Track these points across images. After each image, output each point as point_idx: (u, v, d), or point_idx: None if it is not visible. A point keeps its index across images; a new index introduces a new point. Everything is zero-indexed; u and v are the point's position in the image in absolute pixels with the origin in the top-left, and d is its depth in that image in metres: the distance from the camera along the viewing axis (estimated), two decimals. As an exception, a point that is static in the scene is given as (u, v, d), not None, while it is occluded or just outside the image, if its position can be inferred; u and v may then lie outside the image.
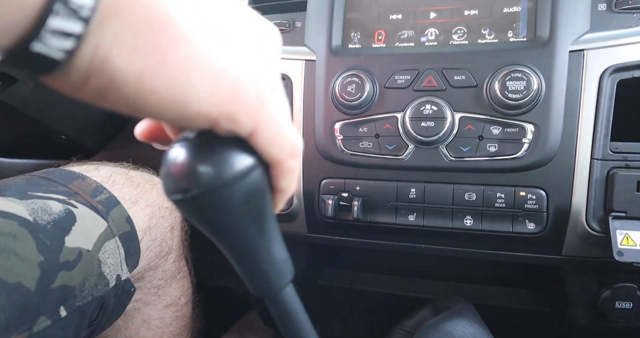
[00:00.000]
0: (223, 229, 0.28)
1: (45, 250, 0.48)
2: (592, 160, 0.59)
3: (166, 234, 0.72)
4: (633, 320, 0.65)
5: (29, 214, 0.50)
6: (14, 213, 0.49)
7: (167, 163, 0.26)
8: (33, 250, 0.47)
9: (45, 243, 0.49)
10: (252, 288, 0.32)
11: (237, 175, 0.26)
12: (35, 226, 0.49)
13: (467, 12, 0.63)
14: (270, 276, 0.31)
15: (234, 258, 0.30)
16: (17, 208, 0.50)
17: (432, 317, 0.68)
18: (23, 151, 0.97)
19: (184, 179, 0.25)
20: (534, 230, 0.60)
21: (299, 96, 0.70)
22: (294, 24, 0.73)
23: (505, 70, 0.58)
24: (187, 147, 0.26)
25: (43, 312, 0.46)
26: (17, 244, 0.46)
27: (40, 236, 0.49)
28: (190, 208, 0.27)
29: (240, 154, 0.26)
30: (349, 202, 0.67)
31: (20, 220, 0.49)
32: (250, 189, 0.27)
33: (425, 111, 0.61)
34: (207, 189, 0.25)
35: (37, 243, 0.48)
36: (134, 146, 0.92)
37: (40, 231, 0.49)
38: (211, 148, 0.26)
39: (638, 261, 0.55)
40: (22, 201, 0.51)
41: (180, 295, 0.81)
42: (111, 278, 0.58)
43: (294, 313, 0.32)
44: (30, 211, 0.51)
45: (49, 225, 0.51)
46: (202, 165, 0.25)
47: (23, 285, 0.44)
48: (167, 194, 0.26)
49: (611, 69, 0.57)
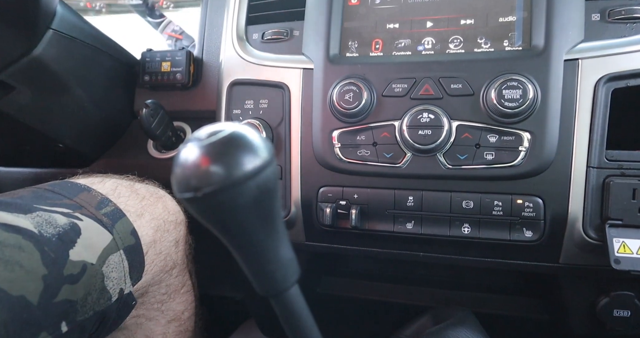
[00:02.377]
0: (232, 228, 0.29)
1: (49, 263, 0.48)
2: (588, 168, 0.59)
3: (171, 248, 0.71)
4: (631, 329, 0.65)
5: (34, 227, 0.50)
6: (19, 225, 0.49)
7: (179, 162, 0.27)
8: (38, 262, 0.47)
9: (50, 256, 0.48)
10: (259, 288, 0.32)
11: (248, 175, 0.26)
12: (40, 238, 0.49)
13: (463, 21, 0.64)
14: (277, 276, 0.31)
15: (241, 258, 0.31)
16: (22, 221, 0.49)
17: (431, 325, 0.68)
18: (20, 159, 0.97)
19: (195, 178, 0.26)
20: (531, 238, 0.61)
21: (297, 105, 0.70)
22: (291, 33, 0.73)
23: (501, 79, 0.58)
24: (199, 147, 0.27)
25: (45, 327, 0.46)
26: (22, 256, 0.46)
27: (45, 249, 0.48)
28: (201, 207, 0.28)
29: (251, 154, 0.27)
30: (347, 210, 0.67)
31: (25, 232, 0.48)
32: (260, 189, 0.27)
33: (423, 119, 0.61)
34: (218, 188, 0.26)
35: (41, 256, 0.47)
36: (131, 154, 0.92)
37: (45, 244, 0.49)
38: (222, 147, 0.27)
39: (635, 269, 0.55)
40: (27, 215, 0.51)
41: (184, 309, 0.79)
42: (114, 293, 0.57)
43: (298, 313, 0.33)
44: (35, 224, 0.50)
45: (54, 238, 0.50)
46: (213, 164, 0.26)
47: (26, 298, 0.44)
48: (178, 193, 0.27)
49: (606, 78, 0.58)
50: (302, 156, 0.70)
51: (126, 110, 0.93)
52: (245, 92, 0.74)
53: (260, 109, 0.73)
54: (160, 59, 0.88)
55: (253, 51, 0.75)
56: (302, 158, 0.70)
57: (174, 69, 0.87)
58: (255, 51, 0.75)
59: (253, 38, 0.76)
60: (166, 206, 0.72)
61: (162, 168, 0.87)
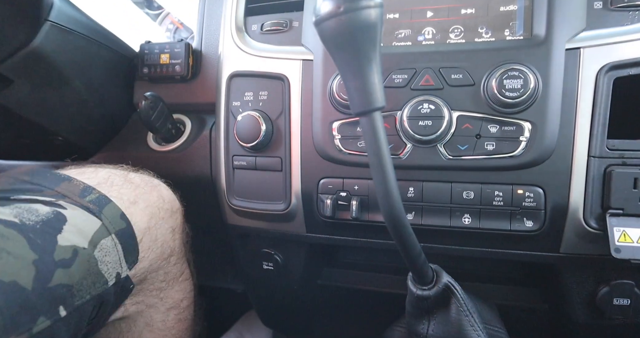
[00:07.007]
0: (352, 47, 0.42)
1: (37, 248, 0.47)
2: (590, 158, 0.59)
3: (167, 235, 0.71)
4: (631, 317, 0.65)
5: (13, 216, 0.49)
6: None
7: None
8: (25, 248, 0.46)
9: (36, 242, 0.48)
10: (355, 106, 0.45)
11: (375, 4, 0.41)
12: (22, 226, 0.48)
13: (463, 10, 0.63)
14: (372, 96, 0.44)
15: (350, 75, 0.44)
16: (1, 211, 0.49)
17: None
18: (20, 152, 0.96)
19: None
20: (532, 228, 0.61)
21: (297, 96, 0.70)
22: (291, 23, 0.73)
23: (502, 68, 0.58)
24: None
25: (42, 312, 0.45)
26: (8, 243, 0.45)
27: (31, 235, 0.48)
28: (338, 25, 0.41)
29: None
30: (348, 201, 0.67)
31: (5, 222, 0.48)
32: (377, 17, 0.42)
33: (423, 109, 0.61)
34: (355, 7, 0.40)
35: (28, 242, 0.47)
36: (130, 147, 0.91)
37: (29, 231, 0.48)
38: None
39: (635, 257, 0.55)
40: (5, 207, 0.50)
41: (183, 297, 0.80)
42: (110, 277, 0.57)
43: (378, 134, 0.44)
44: (15, 213, 0.50)
45: (38, 225, 0.50)
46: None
47: (19, 283, 0.44)
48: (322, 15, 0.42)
49: (607, 66, 0.57)
50: (302, 148, 0.70)
51: (125, 103, 0.93)
52: (245, 84, 0.74)
53: (260, 101, 0.73)
54: (159, 51, 0.88)
55: (252, 42, 0.74)
56: (302, 150, 0.70)
57: (173, 61, 0.87)
58: (255, 43, 0.74)
59: (252, 29, 0.76)
60: (161, 195, 0.72)
61: (162, 161, 0.87)
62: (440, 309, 0.56)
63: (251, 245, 0.82)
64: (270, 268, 0.81)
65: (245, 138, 0.71)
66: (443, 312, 0.56)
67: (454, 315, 0.55)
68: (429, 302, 0.56)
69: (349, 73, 0.45)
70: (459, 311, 0.55)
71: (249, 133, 0.71)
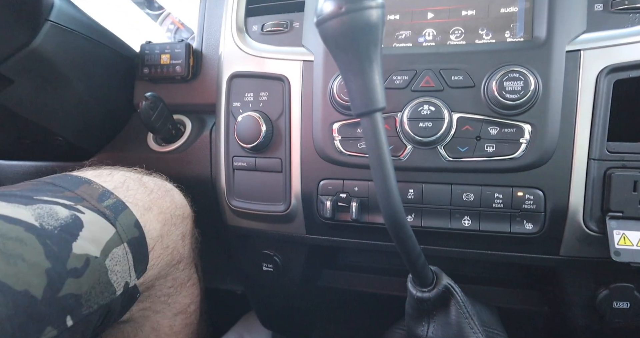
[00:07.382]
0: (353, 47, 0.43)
1: (52, 256, 0.47)
2: (589, 160, 0.59)
3: (178, 242, 0.71)
4: (630, 320, 0.65)
5: (34, 219, 0.49)
6: (20, 218, 0.48)
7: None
8: (40, 256, 0.46)
9: (52, 249, 0.47)
10: (356, 107, 0.45)
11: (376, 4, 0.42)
12: (41, 231, 0.48)
13: (464, 12, 0.63)
14: (373, 97, 0.44)
15: (351, 76, 0.45)
16: (22, 213, 0.49)
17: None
18: (20, 153, 0.96)
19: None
20: (532, 230, 0.61)
21: (297, 97, 0.70)
22: (291, 24, 0.73)
23: (502, 70, 0.58)
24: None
25: (50, 322, 0.45)
26: (25, 249, 0.45)
27: (48, 242, 0.48)
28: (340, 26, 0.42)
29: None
30: (347, 203, 0.66)
31: (26, 225, 0.48)
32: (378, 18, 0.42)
33: (423, 111, 0.61)
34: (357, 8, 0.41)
35: (44, 249, 0.47)
36: (131, 147, 0.91)
37: (47, 237, 0.48)
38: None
39: (635, 261, 0.55)
40: (28, 207, 0.50)
41: (190, 302, 0.80)
42: (118, 286, 0.56)
43: (379, 134, 0.45)
44: (37, 216, 0.50)
45: (56, 230, 0.50)
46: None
47: (30, 293, 0.43)
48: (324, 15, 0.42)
49: (608, 69, 0.57)
50: (302, 149, 0.70)
51: (126, 103, 0.93)
52: (245, 85, 0.74)
53: (260, 102, 0.73)
54: (160, 51, 0.88)
55: (252, 42, 0.74)
56: (302, 151, 0.70)
57: (173, 62, 0.87)
58: (255, 43, 0.74)
59: (252, 30, 0.76)
60: (174, 200, 0.72)
61: (162, 161, 0.86)
62: (440, 311, 0.56)
63: (251, 246, 0.82)
64: (270, 270, 0.81)
65: (246, 139, 0.71)
66: (443, 314, 0.56)
67: (453, 317, 0.55)
68: (429, 303, 0.56)
69: (350, 74, 0.45)
70: (458, 313, 0.55)
71: (249, 133, 0.71)
